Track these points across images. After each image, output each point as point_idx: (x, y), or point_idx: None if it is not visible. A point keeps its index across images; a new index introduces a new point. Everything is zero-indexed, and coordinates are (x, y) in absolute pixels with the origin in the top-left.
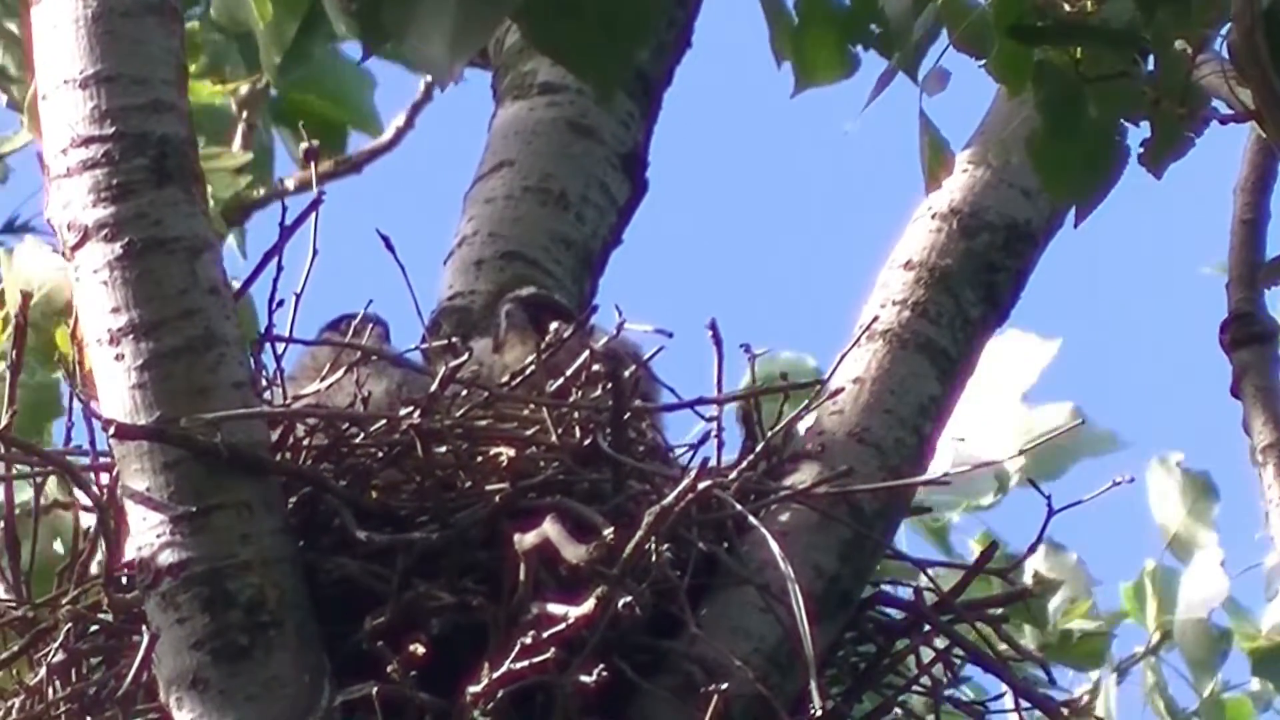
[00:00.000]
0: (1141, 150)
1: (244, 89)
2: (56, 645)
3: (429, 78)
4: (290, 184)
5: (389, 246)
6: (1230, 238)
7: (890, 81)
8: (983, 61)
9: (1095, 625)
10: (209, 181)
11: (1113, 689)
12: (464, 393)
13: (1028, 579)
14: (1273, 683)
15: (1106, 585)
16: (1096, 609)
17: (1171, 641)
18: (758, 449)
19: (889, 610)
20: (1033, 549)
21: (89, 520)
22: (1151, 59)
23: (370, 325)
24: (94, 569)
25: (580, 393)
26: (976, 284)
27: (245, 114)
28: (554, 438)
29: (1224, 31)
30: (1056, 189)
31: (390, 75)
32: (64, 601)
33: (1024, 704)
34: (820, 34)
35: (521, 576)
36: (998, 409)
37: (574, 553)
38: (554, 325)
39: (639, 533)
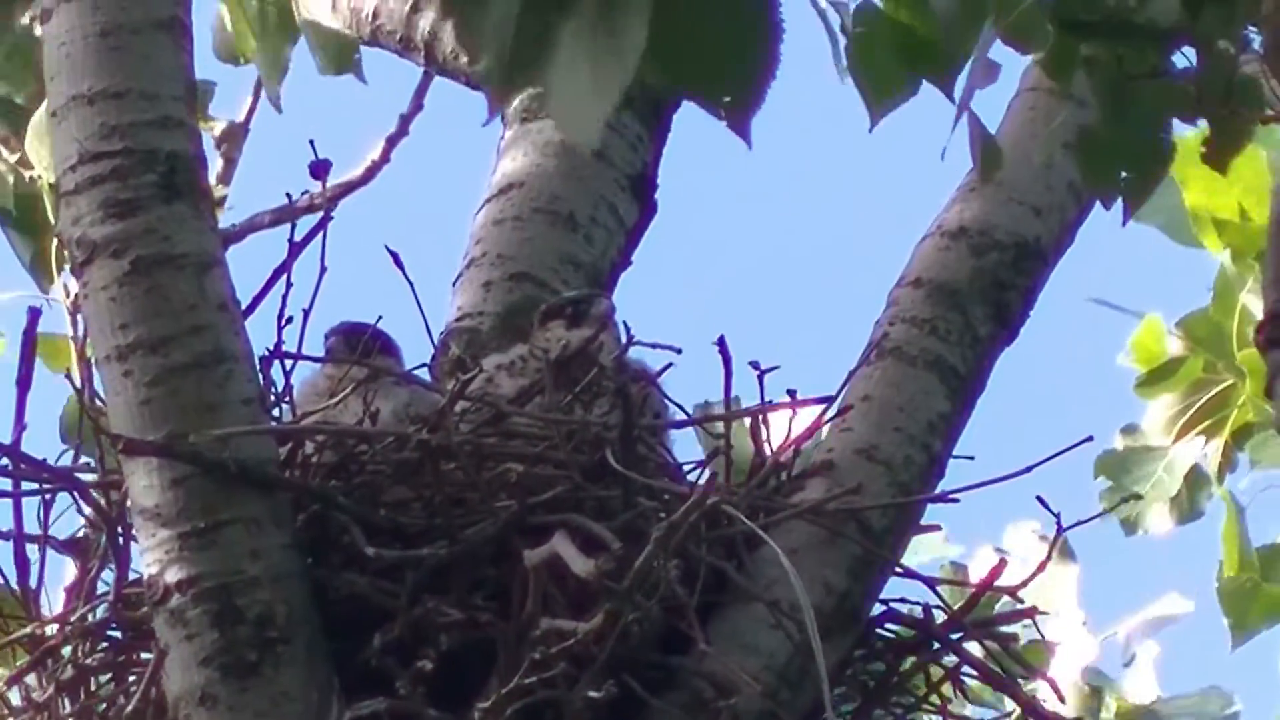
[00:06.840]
0: (1203, 150)
1: (221, 125)
2: (65, 661)
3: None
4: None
5: (398, 263)
6: (1267, 239)
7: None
8: (1030, 56)
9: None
10: None
11: None
12: (473, 409)
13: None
14: None
15: None
16: None
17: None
18: (766, 465)
19: (898, 628)
20: (1041, 567)
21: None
22: (1195, 57)
23: (375, 344)
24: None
25: (589, 409)
26: (986, 301)
27: (224, 148)
28: (563, 454)
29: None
30: (1100, 183)
31: (369, 106)
32: (72, 618)
33: None
34: (881, 53)
35: (530, 592)
36: None
37: (583, 568)
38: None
39: (648, 549)
